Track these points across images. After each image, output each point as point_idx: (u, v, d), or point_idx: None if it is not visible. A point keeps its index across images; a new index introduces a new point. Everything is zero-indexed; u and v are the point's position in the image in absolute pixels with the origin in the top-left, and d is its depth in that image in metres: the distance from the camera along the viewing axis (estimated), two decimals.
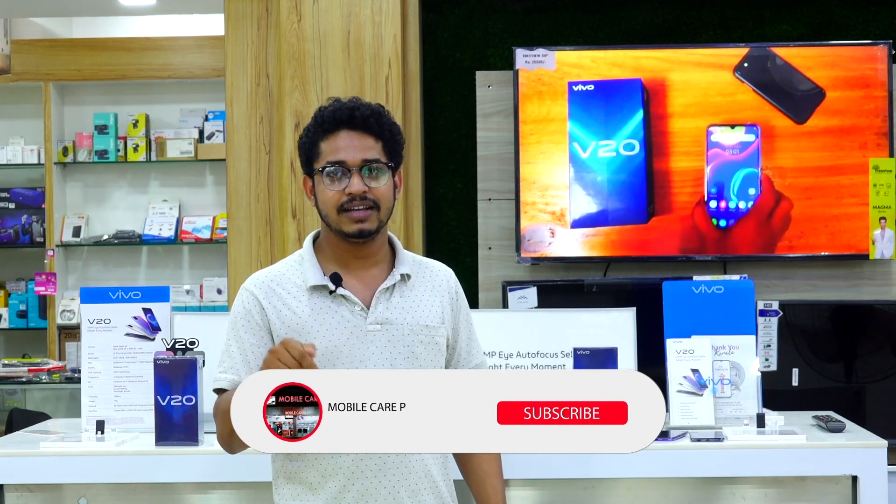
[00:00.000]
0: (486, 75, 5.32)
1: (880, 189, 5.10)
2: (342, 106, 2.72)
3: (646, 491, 3.39)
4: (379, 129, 2.70)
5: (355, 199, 2.65)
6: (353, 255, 2.71)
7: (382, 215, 2.68)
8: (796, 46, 5.20)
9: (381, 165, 2.68)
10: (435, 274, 2.79)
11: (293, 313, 2.67)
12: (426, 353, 2.69)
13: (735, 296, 3.66)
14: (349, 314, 2.67)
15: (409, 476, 2.67)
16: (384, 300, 2.69)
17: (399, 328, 2.68)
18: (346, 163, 2.66)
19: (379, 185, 2.67)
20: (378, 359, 2.66)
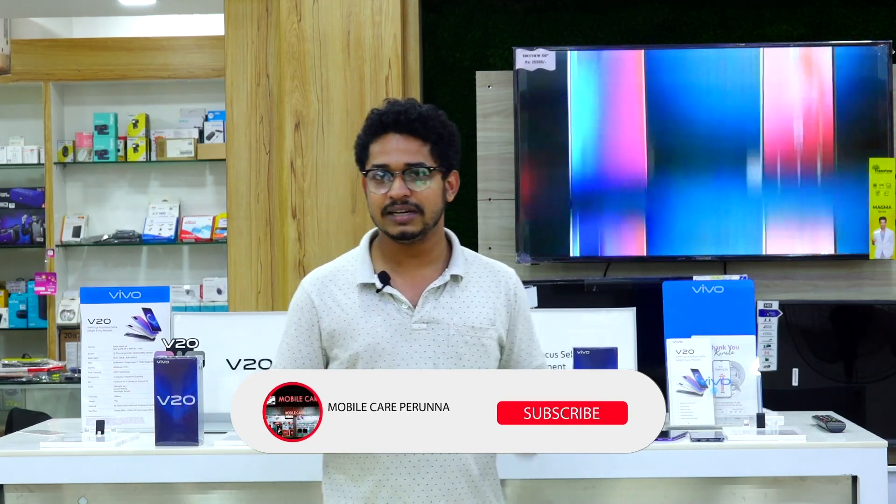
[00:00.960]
0: (486, 75, 5.32)
1: (880, 189, 5.10)
2: (391, 109, 2.71)
3: (646, 491, 3.39)
4: (426, 133, 2.69)
5: (397, 203, 2.67)
6: (405, 254, 2.73)
7: (427, 218, 2.69)
8: (796, 46, 5.20)
9: (424, 169, 2.68)
10: (493, 275, 2.78)
11: (341, 310, 2.71)
12: (471, 353, 2.68)
13: (735, 296, 3.65)
14: (395, 312, 2.69)
15: (444, 475, 2.67)
16: (432, 299, 2.70)
17: (445, 328, 2.68)
18: (389, 166, 2.69)
19: (422, 189, 2.68)
20: (421, 358, 2.66)
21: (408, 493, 2.66)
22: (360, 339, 2.67)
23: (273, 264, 5.22)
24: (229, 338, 3.67)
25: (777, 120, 5.14)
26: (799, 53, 5.17)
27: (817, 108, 5.14)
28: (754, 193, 5.15)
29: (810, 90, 5.14)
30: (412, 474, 2.66)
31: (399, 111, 2.70)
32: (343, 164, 5.04)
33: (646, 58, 5.19)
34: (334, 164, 5.04)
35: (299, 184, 5.04)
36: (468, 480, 2.69)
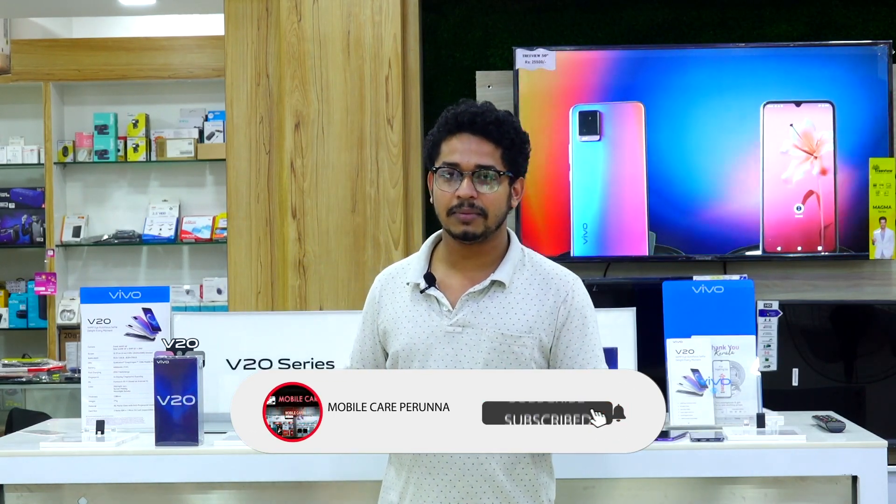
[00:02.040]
0: (486, 75, 5.32)
1: (880, 189, 5.10)
2: (467, 109, 2.72)
3: (646, 491, 3.39)
4: (499, 137, 2.71)
5: (464, 204, 2.68)
6: (461, 255, 2.75)
7: (490, 222, 2.70)
8: (796, 46, 5.20)
9: (493, 173, 2.69)
10: (545, 281, 2.77)
11: (393, 306, 2.77)
12: (499, 361, 2.68)
13: (735, 296, 3.65)
14: (436, 314, 2.71)
15: (462, 478, 2.67)
16: (472, 303, 2.71)
17: (478, 333, 2.69)
18: (460, 166, 2.69)
19: (489, 192, 2.69)
20: (452, 361, 2.68)
21: (427, 493, 2.69)
22: (401, 338, 2.72)
23: (273, 264, 5.22)
24: (229, 338, 3.67)
25: (777, 120, 5.14)
26: (799, 53, 5.17)
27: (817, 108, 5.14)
28: (754, 192, 5.14)
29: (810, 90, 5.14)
30: (431, 474, 2.68)
31: (476, 112, 2.71)
32: (343, 163, 5.04)
33: (646, 57, 5.19)
34: (334, 164, 5.04)
35: (299, 184, 5.03)
36: (490, 483, 2.68)
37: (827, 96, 5.13)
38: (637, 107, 5.20)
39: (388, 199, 5.01)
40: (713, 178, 5.17)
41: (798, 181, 5.13)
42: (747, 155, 5.15)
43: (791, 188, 5.12)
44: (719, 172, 5.17)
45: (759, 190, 5.14)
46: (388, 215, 5.00)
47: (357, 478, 3.25)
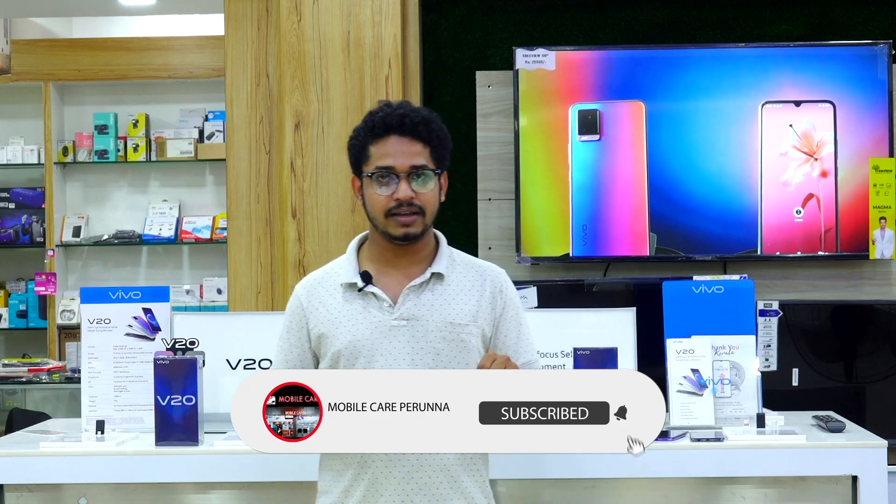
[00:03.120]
0: (486, 75, 5.32)
1: (880, 189, 5.10)
2: (393, 112, 2.75)
3: (646, 491, 3.39)
4: (428, 136, 2.74)
5: (403, 205, 2.71)
6: (395, 254, 2.78)
7: (427, 220, 2.75)
8: (796, 46, 5.20)
9: (428, 172, 2.73)
10: (479, 273, 2.81)
11: (326, 309, 2.77)
12: (449, 349, 2.71)
13: (735, 296, 3.66)
14: (377, 310, 2.73)
15: (420, 469, 2.68)
16: (413, 297, 2.74)
17: (424, 325, 2.71)
18: (395, 169, 2.72)
19: (426, 191, 2.73)
20: (400, 354, 2.69)
21: (384, 486, 2.68)
22: (342, 337, 2.72)
23: (273, 264, 5.22)
24: (229, 338, 3.67)
25: (776, 120, 5.14)
26: (799, 53, 5.17)
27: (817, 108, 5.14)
28: (755, 193, 5.14)
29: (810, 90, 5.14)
30: (388, 468, 2.68)
31: (403, 114, 2.74)
32: (343, 164, 5.01)
33: (646, 57, 5.19)
34: (334, 164, 5.04)
35: (299, 184, 5.03)
36: (448, 477, 2.70)
37: (827, 96, 5.12)
38: (637, 105, 5.20)
39: None
40: (713, 178, 5.17)
41: (797, 184, 5.12)
42: (747, 155, 5.15)
43: (790, 191, 5.12)
44: (720, 172, 5.17)
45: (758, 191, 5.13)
46: None
47: None
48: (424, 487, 2.69)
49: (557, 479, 3.37)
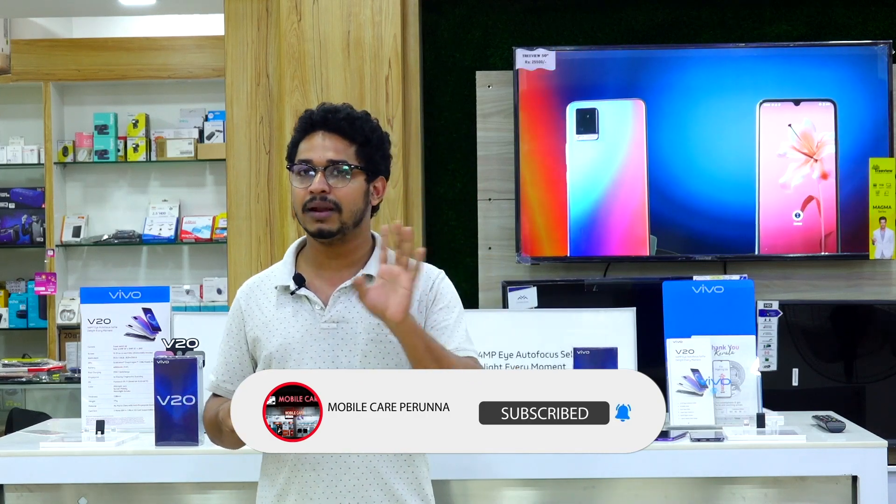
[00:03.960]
0: (486, 75, 5.32)
1: (880, 189, 5.10)
2: (320, 108, 2.76)
3: (646, 491, 3.39)
4: (352, 133, 2.72)
5: (316, 198, 2.69)
6: (326, 255, 2.77)
7: (345, 217, 2.71)
8: (796, 46, 5.20)
9: (346, 167, 2.70)
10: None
11: (261, 312, 2.77)
12: (377, 351, 2.71)
13: (735, 296, 3.66)
14: (308, 313, 2.73)
15: (349, 470, 2.68)
16: (344, 299, 2.73)
17: (353, 327, 2.71)
18: (312, 162, 2.71)
19: (342, 187, 2.70)
20: (328, 356, 2.70)
21: (313, 489, 2.69)
22: (274, 340, 2.73)
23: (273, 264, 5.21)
24: None
25: (775, 120, 5.14)
26: (799, 53, 5.17)
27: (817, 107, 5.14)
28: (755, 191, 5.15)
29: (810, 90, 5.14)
30: (316, 471, 2.68)
31: (328, 110, 2.74)
32: None
33: (645, 57, 5.19)
34: None
35: None
36: (377, 479, 2.69)
37: (827, 96, 5.12)
38: (637, 104, 5.20)
39: (388, 199, 5.00)
40: (713, 177, 5.17)
41: (797, 186, 5.12)
42: (747, 155, 5.15)
43: (789, 193, 5.11)
44: (719, 172, 5.17)
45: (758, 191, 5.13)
46: (388, 215, 4.99)
47: None
48: (353, 490, 2.68)
49: (557, 479, 3.37)
